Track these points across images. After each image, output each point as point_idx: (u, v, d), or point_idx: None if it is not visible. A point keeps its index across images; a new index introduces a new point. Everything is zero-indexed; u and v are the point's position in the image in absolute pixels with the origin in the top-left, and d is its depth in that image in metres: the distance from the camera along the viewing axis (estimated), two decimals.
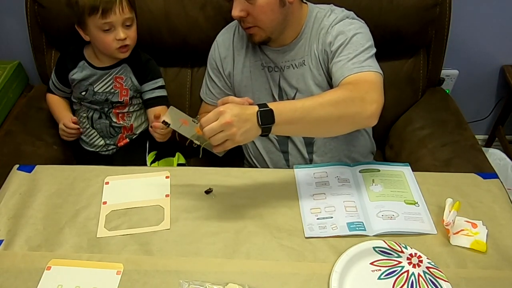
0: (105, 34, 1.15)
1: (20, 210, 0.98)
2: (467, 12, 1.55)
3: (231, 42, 1.22)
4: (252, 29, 1.08)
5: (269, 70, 1.18)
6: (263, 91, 1.21)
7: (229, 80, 1.25)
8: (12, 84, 1.59)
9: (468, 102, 1.75)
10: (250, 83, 1.21)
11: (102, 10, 1.10)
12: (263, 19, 1.05)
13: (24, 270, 0.86)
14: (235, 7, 1.04)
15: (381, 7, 1.31)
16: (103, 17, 1.11)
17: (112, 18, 1.12)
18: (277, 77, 1.18)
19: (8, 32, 1.60)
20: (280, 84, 1.19)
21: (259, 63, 1.19)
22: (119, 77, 1.26)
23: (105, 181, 1.04)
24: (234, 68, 1.22)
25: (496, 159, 1.75)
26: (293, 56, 1.15)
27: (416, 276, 0.86)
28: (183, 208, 0.99)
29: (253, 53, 1.19)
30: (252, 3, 1.02)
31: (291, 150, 1.23)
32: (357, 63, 1.02)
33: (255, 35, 1.10)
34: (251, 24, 1.07)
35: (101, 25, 1.13)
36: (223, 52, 1.23)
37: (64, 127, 1.28)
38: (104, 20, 1.12)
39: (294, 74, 1.16)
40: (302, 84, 1.16)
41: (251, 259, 0.89)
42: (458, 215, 0.95)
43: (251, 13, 1.04)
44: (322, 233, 0.93)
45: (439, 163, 1.24)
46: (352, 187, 1.03)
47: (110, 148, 1.34)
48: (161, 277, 0.85)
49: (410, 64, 1.45)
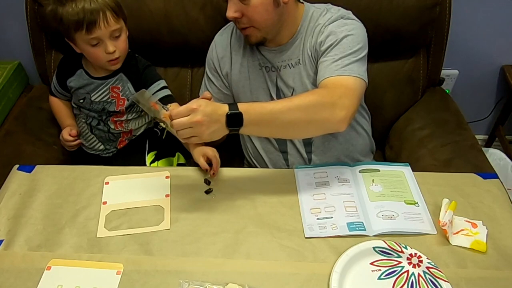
0: (94, 48, 1.13)
1: (20, 210, 0.98)
2: (467, 12, 1.54)
3: (228, 42, 1.22)
4: (248, 29, 1.08)
5: (267, 70, 1.18)
6: (260, 91, 1.21)
7: (226, 80, 1.25)
8: (12, 84, 1.59)
9: (468, 102, 1.75)
10: (248, 82, 1.21)
11: (87, 26, 1.08)
12: (257, 19, 1.05)
13: (24, 270, 0.86)
14: (229, 8, 1.04)
15: (380, 7, 1.31)
16: (88, 32, 1.09)
17: (98, 32, 1.09)
18: (274, 77, 1.18)
19: (8, 32, 1.60)
20: (277, 84, 1.19)
21: (256, 63, 1.19)
22: (115, 87, 1.25)
23: (105, 181, 1.04)
24: (232, 68, 1.22)
25: (496, 159, 1.75)
26: (290, 55, 1.15)
27: (416, 276, 0.86)
28: (183, 208, 0.99)
29: (250, 53, 1.19)
30: (246, 4, 1.02)
31: (290, 150, 1.23)
32: (340, 66, 1.02)
33: (251, 36, 1.10)
34: (246, 24, 1.07)
35: (89, 40, 1.11)
36: (221, 52, 1.23)
37: (63, 139, 1.28)
38: (90, 36, 1.10)
39: (291, 73, 1.16)
40: (298, 83, 1.16)
41: (251, 259, 0.89)
42: (458, 215, 0.96)
43: (245, 14, 1.04)
44: (322, 233, 0.93)
45: (439, 163, 1.24)
46: (352, 187, 1.03)
47: (110, 151, 1.34)
48: (161, 277, 0.85)
49: (410, 64, 1.45)
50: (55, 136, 1.37)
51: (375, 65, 1.40)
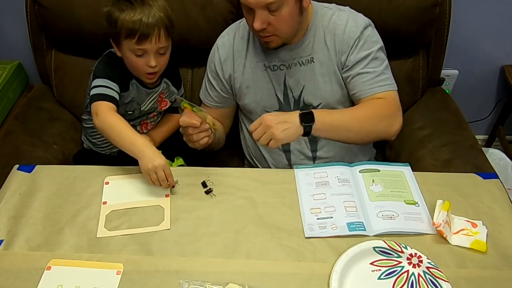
0: (137, 58, 1.12)
1: (20, 210, 0.98)
2: (467, 12, 1.55)
3: (231, 44, 1.22)
4: (270, 37, 1.08)
5: (273, 69, 1.18)
6: (265, 91, 1.21)
7: (228, 84, 1.24)
8: (12, 84, 1.59)
9: (468, 102, 1.75)
10: (252, 84, 1.21)
11: (139, 37, 1.06)
12: (283, 28, 1.06)
13: (24, 270, 0.86)
14: (256, 20, 1.02)
15: (380, 7, 1.31)
16: (138, 43, 1.07)
17: (147, 45, 1.08)
18: (282, 75, 1.18)
19: (8, 32, 1.60)
20: (285, 82, 1.19)
21: (260, 64, 1.19)
22: (162, 92, 1.26)
23: (105, 181, 1.04)
24: (235, 71, 1.22)
25: (496, 159, 1.75)
26: (300, 53, 1.15)
27: (416, 276, 0.86)
28: (183, 208, 0.99)
29: (254, 54, 1.19)
30: (275, 15, 1.02)
31: (293, 149, 1.23)
32: (384, 80, 1.13)
33: (272, 42, 1.10)
34: (270, 33, 1.07)
35: (135, 49, 1.10)
36: (223, 55, 1.23)
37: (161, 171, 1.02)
38: (138, 46, 1.08)
39: (301, 71, 1.17)
40: (310, 81, 1.17)
41: (251, 259, 0.89)
42: (458, 215, 0.96)
43: (272, 24, 1.04)
44: (322, 233, 0.93)
45: (439, 163, 1.24)
46: (352, 187, 1.03)
47: None
48: (161, 277, 0.85)
49: (410, 64, 1.45)
50: (55, 136, 1.37)
51: None
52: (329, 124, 1.07)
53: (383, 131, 1.14)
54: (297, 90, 1.19)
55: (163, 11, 1.09)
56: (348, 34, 1.12)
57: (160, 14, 1.07)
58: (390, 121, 1.12)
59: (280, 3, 1.00)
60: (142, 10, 1.06)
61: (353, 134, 1.12)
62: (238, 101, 1.27)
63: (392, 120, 1.12)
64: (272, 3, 0.99)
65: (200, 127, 1.04)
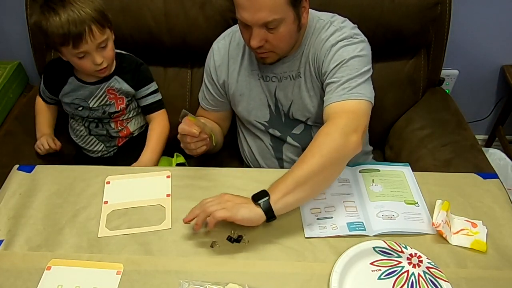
0: (81, 60, 1.12)
1: (20, 210, 0.98)
2: (467, 12, 1.54)
3: (226, 50, 1.20)
4: (267, 53, 1.06)
5: (266, 79, 1.16)
6: (257, 101, 1.19)
7: (223, 89, 1.23)
8: (12, 84, 1.59)
9: (468, 102, 1.75)
10: (246, 92, 1.19)
11: (73, 41, 1.06)
12: (281, 46, 1.04)
13: (24, 270, 0.86)
14: (254, 37, 0.99)
15: (382, 7, 1.30)
16: (75, 47, 1.07)
17: (85, 46, 1.08)
18: (273, 87, 1.17)
19: (8, 32, 1.60)
20: (276, 95, 1.17)
21: (255, 72, 1.17)
22: (111, 88, 1.24)
23: (106, 181, 1.04)
24: (229, 77, 1.20)
25: (496, 159, 1.75)
26: (291, 67, 1.13)
27: (416, 276, 0.86)
28: (184, 208, 0.98)
29: (249, 62, 1.17)
30: (273, 33, 0.99)
31: (285, 157, 1.23)
32: (347, 89, 1.00)
33: (268, 58, 1.08)
34: (267, 50, 1.04)
35: (75, 53, 1.09)
36: (218, 60, 1.20)
37: (41, 147, 1.26)
38: (77, 50, 1.08)
39: (290, 85, 1.15)
40: (297, 96, 1.15)
41: (251, 259, 0.89)
42: (458, 215, 0.96)
43: (270, 41, 1.01)
44: (322, 233, 0.93)
45: (439, 163, 1.24)
46: (352, 187, 1.03)
47: (111, 150, 1.34)
48: (161, 277, 0.85)
49: (411, 64, 1.45)
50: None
51: (376, 66, 1.39)
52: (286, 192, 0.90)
53: (341, 157, 0.94)
54: (286, 105, 1.18)
55: (87, 5, 1.06)
56: (325, 48, 1.07)
57: (85, 10, 1.05)
58: (343, 141, 0.92)
59: (279, 21, 0.97)
60: (64, 12, 1.04)
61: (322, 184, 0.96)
62: (233, 107, 1.26)
63: (344, 138, 0.92)
64: (271, 21, 0.96)
65: (199, 136, 1.02)
